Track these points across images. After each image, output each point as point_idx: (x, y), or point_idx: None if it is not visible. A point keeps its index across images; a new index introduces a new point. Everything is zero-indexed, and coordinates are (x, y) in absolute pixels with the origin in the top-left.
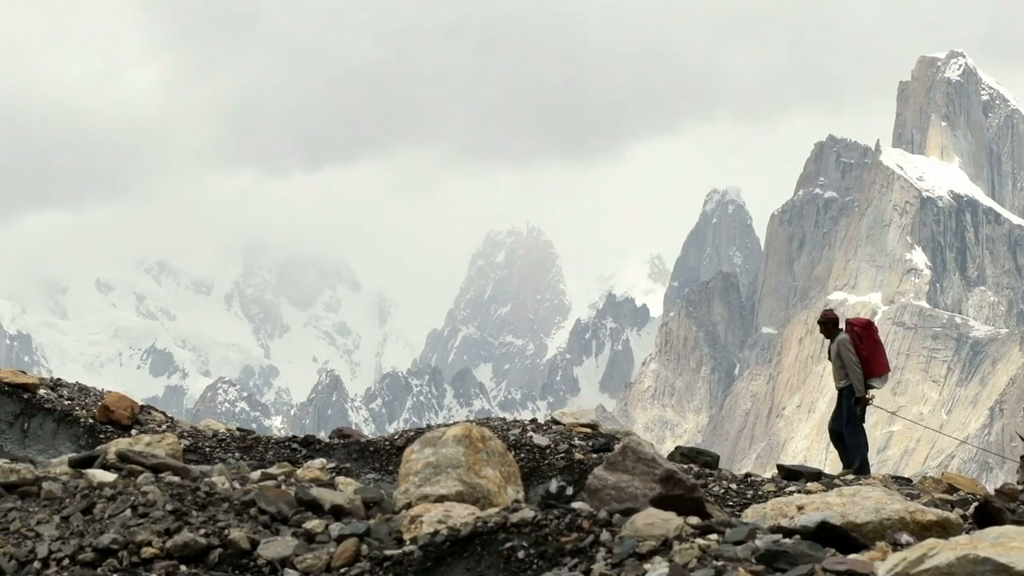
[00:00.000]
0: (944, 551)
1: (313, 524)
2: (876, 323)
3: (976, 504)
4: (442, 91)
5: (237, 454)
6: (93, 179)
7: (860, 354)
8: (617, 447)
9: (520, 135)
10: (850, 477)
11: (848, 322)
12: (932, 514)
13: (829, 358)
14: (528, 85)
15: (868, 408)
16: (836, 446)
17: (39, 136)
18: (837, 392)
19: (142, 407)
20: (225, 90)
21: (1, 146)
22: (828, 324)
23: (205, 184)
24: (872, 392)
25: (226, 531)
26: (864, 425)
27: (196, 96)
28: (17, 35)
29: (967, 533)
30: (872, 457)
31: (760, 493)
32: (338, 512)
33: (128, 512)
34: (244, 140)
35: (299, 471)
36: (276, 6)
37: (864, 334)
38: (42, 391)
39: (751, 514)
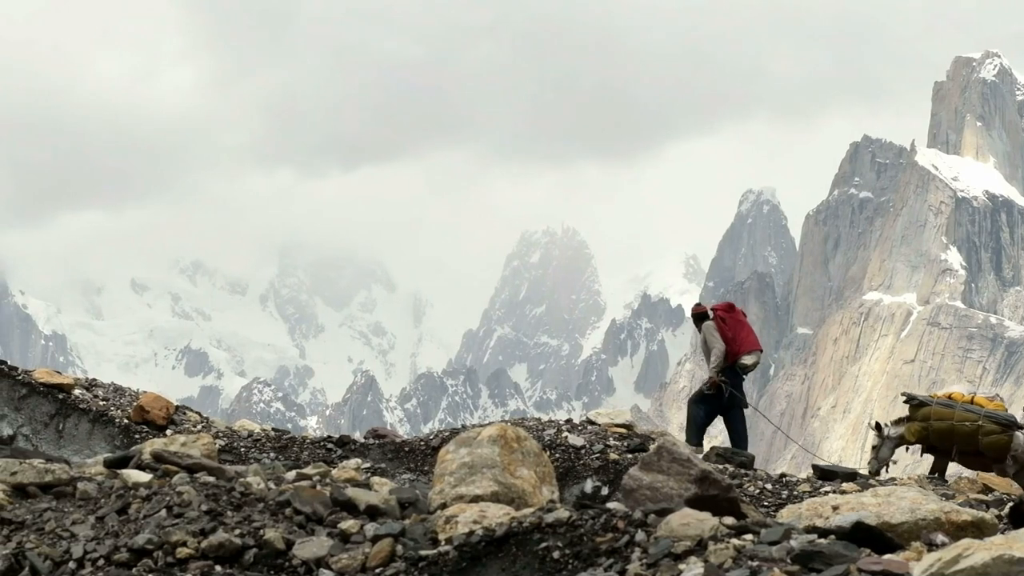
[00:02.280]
0: (979, 551)
1: (348, 524)
2: (911, 323)
3: (1011, 504)
4: (480, 90)
5: (272, 454)
6: (130, 179)
7: (725, 336)
8: (652, 447)
9: (558, 134)
10: (885, 477)
11: (711, 308)
12: (967, 514)
13: (703, 351)
14: (567, 84)
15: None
16: (727, 427)
17: (77, 136)
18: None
19: (177, 407)
20: (263, 90)
21: (40, 146)
22: (697, 317)
23: (242, 184)
24: (746, 362)
25: (261, 531)
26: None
27: (234, 96)
28: (58, 36)
29: (1002, 533)
30: (907, 457)
31: (795, 493)
32: (373, 512)
33: (163, 512)
34: (282, 140)
35: (334, 471)
36: (314, 6)
37: (726, 316)
38: (77, 391)
39: (786, 514)
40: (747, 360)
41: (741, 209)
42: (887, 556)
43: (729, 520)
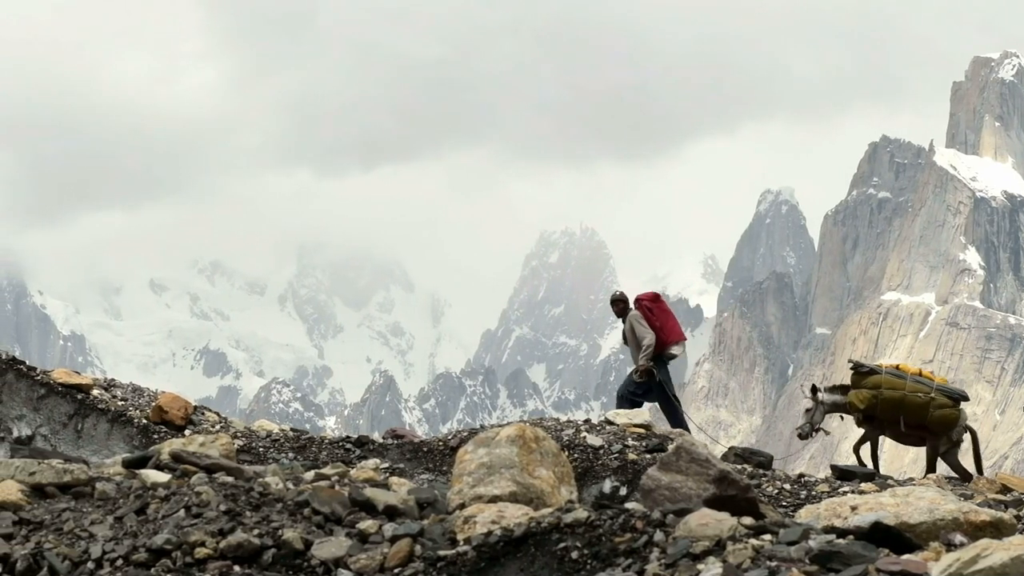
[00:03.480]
0: (998, 551)
1: (367, 524)
2: (930, 323)
3: None
4: (500, 90)
5: (291, 454)
6: (149, 179)
7: (653, 325)
8: (671, 447)
9: (577, 134)
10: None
11: (636, 298)
12: (985, 514)
13: (624, 341)
14: (587, 84)
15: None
16: (618, 403)
17: (97, 136)
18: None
19: (196, 407)
20: (283, 90)
21: (59, 146)
22: (619, 303)
23: (261, 184)
24: (674, 352)
25: (280, 531)
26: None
27: (254, 96)
28: (78, 36)
29: (1021, 533)
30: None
31: (814, 493)
32: (392, 512)
33: (182, 512)
34: (301, 140)
35: (353, 471)
36: (334, 5)
37: (653, 306)
38: (96, 391)
39: (805, 514)
40: (675, 350)
41: (760, 209)
42: (906, 556)
43: (748, 520)
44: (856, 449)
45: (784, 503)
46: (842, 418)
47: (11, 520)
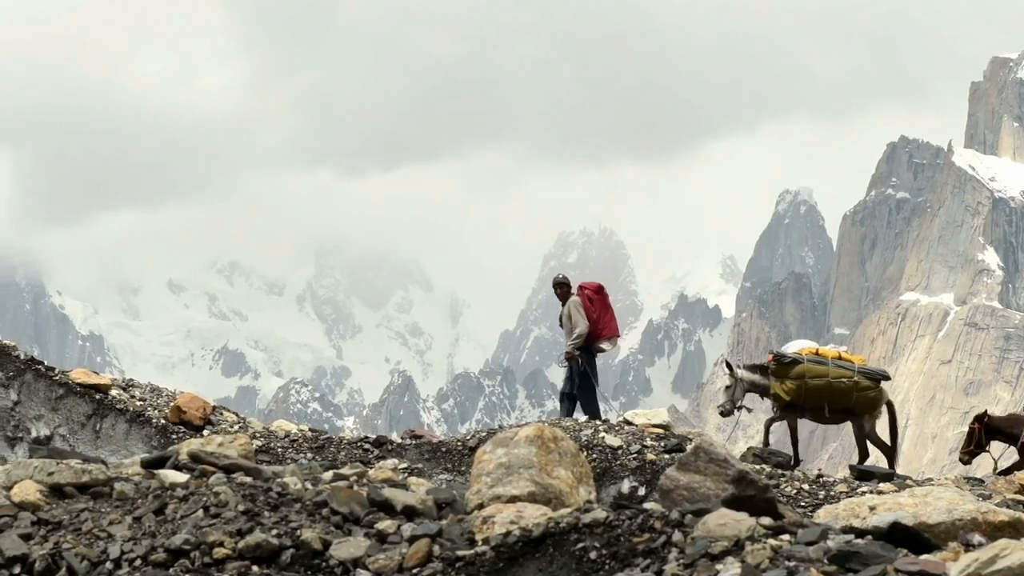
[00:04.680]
0: (1016, 551)
1: (385, 525)
2: (948, 323)
3: None
4: (521, 89)
5: (309, 455)
6: (168, 179)
7: (590, 316)
8: (689, 447)
9: (597, 134)
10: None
11: (580, 286)
12: (1004, 515)
13: (560, 324)
14: (607, 84)
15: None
16: (561, 406)
17: (116, 136)
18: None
19: (214, 408)
20: (303, 89)
21: (78, 146)
22: (562, 286)
23: (280, 184)
24: (604, 346)
25: (298, 532)
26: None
27: (274, 95)
28: (97, 36)
29: None
30: (944, 457)
31: (832, 494)
32: (410, 513)
33: (200, 513)
34: (321, 139)
35: (371, 472)
36: (354, 5)
37: (595, 297)
38: (114, 392)
39: (823, 515)
40: (605, 344)
41: (778, 209)
42: (924, 556)
43: (766, 520)
44: (793, 443)
45: (803, 503)
46: (761, 398)
47: (30, 520)
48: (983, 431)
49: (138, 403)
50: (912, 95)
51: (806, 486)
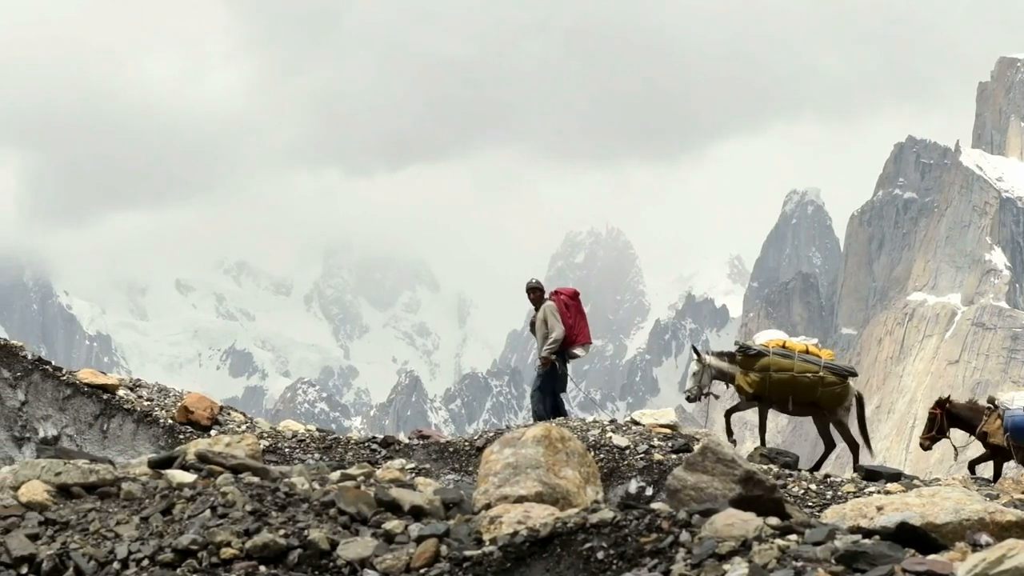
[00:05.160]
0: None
1: (392, 525)
2: (956, 323)
3: None
4: (528, 89)
5: (317, 455)
6: (175, 179)
7: (566, 321)
8: (697, 448)
9: (604, 134)
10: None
11: (556, 291)
12: (1011, 515)
13: (532, 330)
14: (614, 84)
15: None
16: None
17: (123, 136)
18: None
19: (221, 408)
20: (310, 89)
21: (84, 147)
22: (536, 291)
23: (287, 184)
24: (578, 352)
25: (306, 532)
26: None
27: (281, 96)
28: (105, 37)
29: None
30: (951, 458)
31: (839, 494)
32: (418, 513)
33: (207, 513)
34: (328, 139)
35: (378, 472)
36: (361, 5)
37: (571, 303)
38: (122, 392)
39: (831, 515)
40: (578, 351)
41: (785, 210)
42: (931, 556)
43: (773, 520)
44: (761, 433)
45: (810, 503)
46: (727, 386)
47: (37, 520)
48: (944, 417)
49: (145, 403)
50: (920, 95)
51: (813, 486)
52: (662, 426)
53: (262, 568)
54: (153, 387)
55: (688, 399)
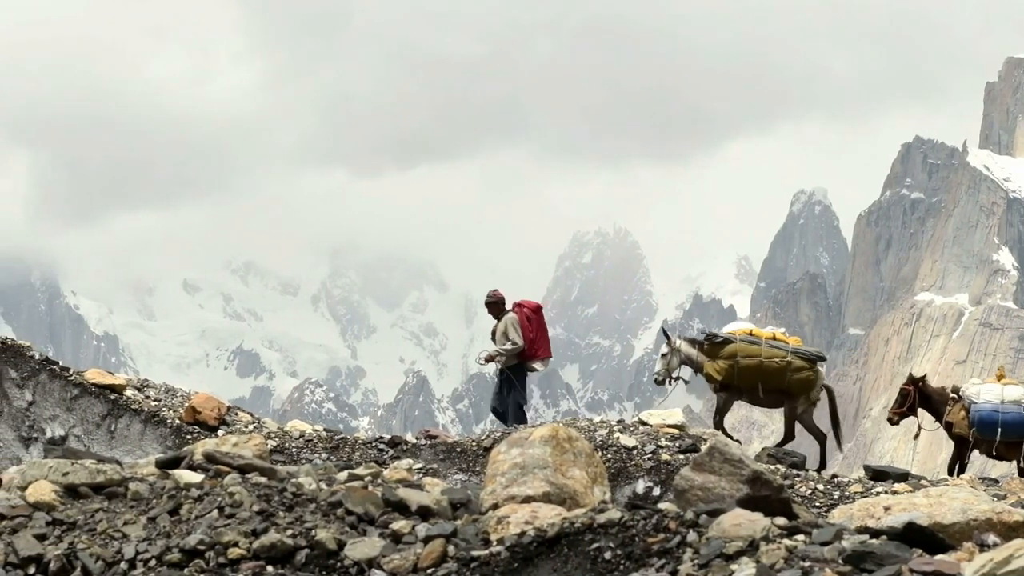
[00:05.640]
0: None
1: (400, 525)
2: (963, 323)
3: None
4: (537, 89)
5: (324, 455)
6: (182, 179)
7: (526, 335)
8: (704, 448)
9: (613, 134)
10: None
11: (518, 303)
12: (1019, 515)
13: (493, 338)
14: (623, 84)
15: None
16: (499, 418)
17: (131, 136)
18: (498, 371)
19: (229, 408)
20: (319, 89)
21: (92, 146)
22: (496, 304)
23: (295, 184)
24: (537, 366)
25: (313, 532)
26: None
27: (289, 95)
28: (113, 36)
29: None
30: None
31: (847, 494)
32: (425, 513)
33: (215, 513)
34: (337, 140)
35: (386, 472)
36: (370, 4)
37: (533, 316)
38: (129, 392)
39: (838, 515)
40: (538, 365)
41: (793, 210)
42: (939, 557)
43: (781, 521)
44: (718, 424)
45: (817, 503)
46: (695, 373)
47: (44, 520)
48: (917, 395)
49: (153, 403)
50: (927, 96)
51: (820, 486)
52: (669, 426)
53: (269, 568)
54: (160, 387)
55: (655, 382)
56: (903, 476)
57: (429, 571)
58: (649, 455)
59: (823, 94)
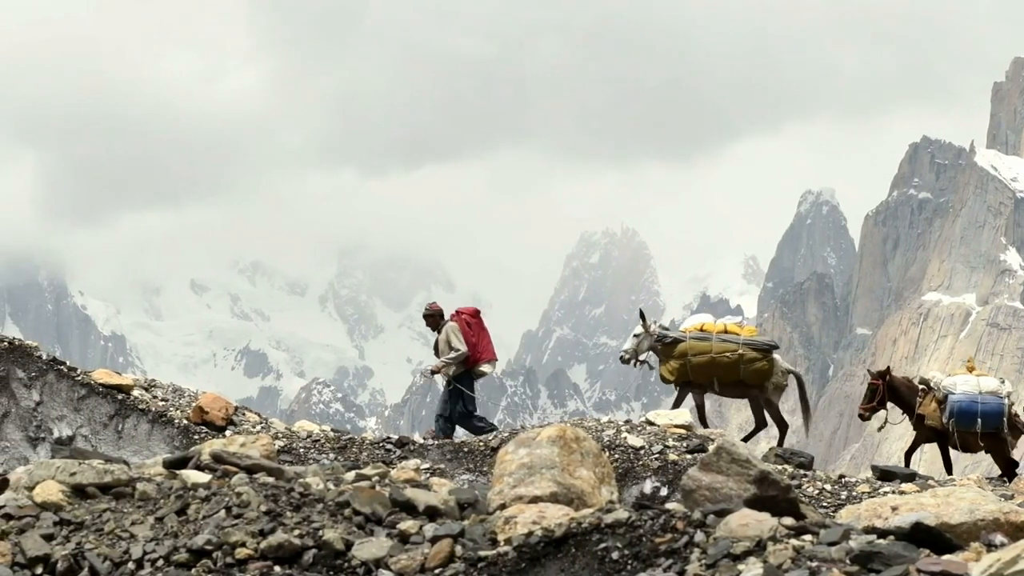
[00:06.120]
0: None
1: (407, 525)
2: (971, 324)
3: None
4: (545, 89)
5: (331, 455)
6: (191, 179)
7: (469, 341)
8: (711, 448)
9: (621, 134)
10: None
11: (457, 311)
12: None
13: (436, 351)
14: (632, 84)
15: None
16: (444, 427)
17: (139, 136)
18: (446, 382)
19: (236, 408)
20: (327, 89)
21: (100, 146)
22: (434, 316)
23: (303, 184)
24: (484, 370)
25: (320, 532)
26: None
27: (297, 95)
28: (121, 35)
29: None
30: (966, 457)
31: (854, 494)
32: (432, 513)
33: (222, 513)
34: (344, 139)
35: (393, 472)
36: (379, 4)
37: (472, 321)
38: (136, 392)
39: (845, 515)
40: (485, 368)
41: (800, 210)
42: (946, 557)
43: (788, 521)
44: (701, 420)
45: (825, 504)
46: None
47: (52, 520)
48: (886, 389)
49: (160, 403)
50: (935, 96)
51: (828, 486)
52: (677, 426)
53: (277, 568)
54: (168, 387)
55: (621, 359)
56: (910, 476)
57: (436, 571)
58: (656, 455)
59: (831, 94)
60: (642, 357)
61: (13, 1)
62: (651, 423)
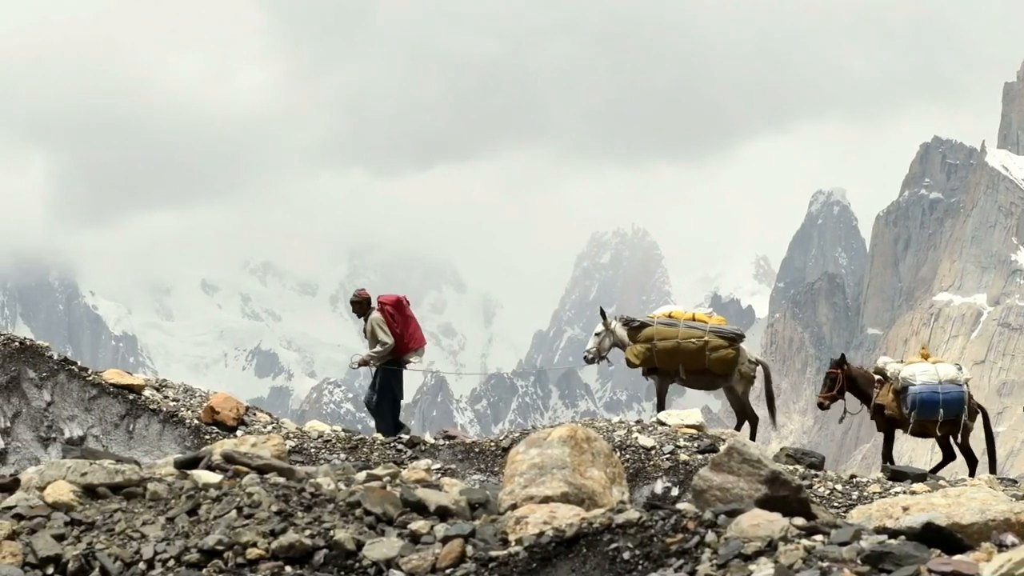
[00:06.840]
0: None
1: (418, 525)
2: (982, 324)
3: None
4: (556, 89)
5: (342, 455)
6: (202, 179)
7: (394, 331)
8: (722, 448)
9: (632, 134)
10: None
11: (379, 301)
12: None
13: (365, 337)
14: (642, 84)
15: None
16: (374, 417)
17: (150, 136)
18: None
19: (247, 408)
20: (338, 89)
21: (111, 146)
22: (361, 304)
23: (314, 184)
24: (413, 359)
25: (331, 532)
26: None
27: (308, 96)
28: (132, 36)
29: None
30: (978, 457)
31: (865, 494)
32: (443, 513)
33: (233, 513)
34: (355, 139)
35: (404, 472)
36: (390, 4)
37: (395, 311)
38: (147, 392)
39: (856, 515)
40: (413, 358)
41: (811, 210)
42: (957, 557)
43: (799, 521)
44: (659, 407)
45: (836, 504)
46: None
47: (63, 520)
48: (844, 378)
49: (171, 403)
50: (946, 96)
51: (839, 487)
52: (688, 426)
53: (288, 568)
54: (179, 387)
55: (585, 360)
56: (921, 476)
57: (447, 571)
58: (667, 455)
59: (841, 94)
60: (604, 354)
61: (24, 2)
62: (662, 423)
